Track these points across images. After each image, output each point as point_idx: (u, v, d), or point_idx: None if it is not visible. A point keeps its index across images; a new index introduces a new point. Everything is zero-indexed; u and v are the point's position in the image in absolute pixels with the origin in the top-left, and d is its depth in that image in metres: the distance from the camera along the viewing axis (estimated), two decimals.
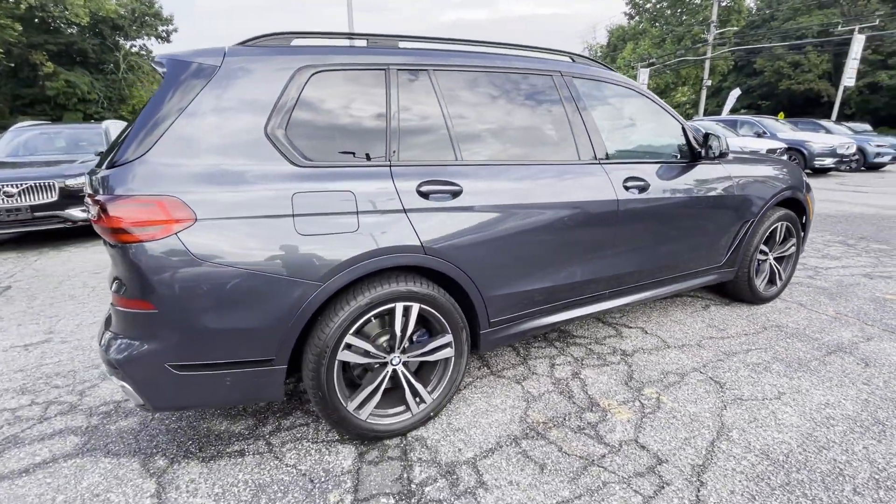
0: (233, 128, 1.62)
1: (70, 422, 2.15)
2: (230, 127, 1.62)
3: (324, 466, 1.81)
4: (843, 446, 1.84)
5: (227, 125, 1.62)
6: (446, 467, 1.79)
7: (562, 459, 1.81)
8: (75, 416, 2.20)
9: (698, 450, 1.84)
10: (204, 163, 1.56)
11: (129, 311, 1.55)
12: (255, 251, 1.58)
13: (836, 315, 3.14)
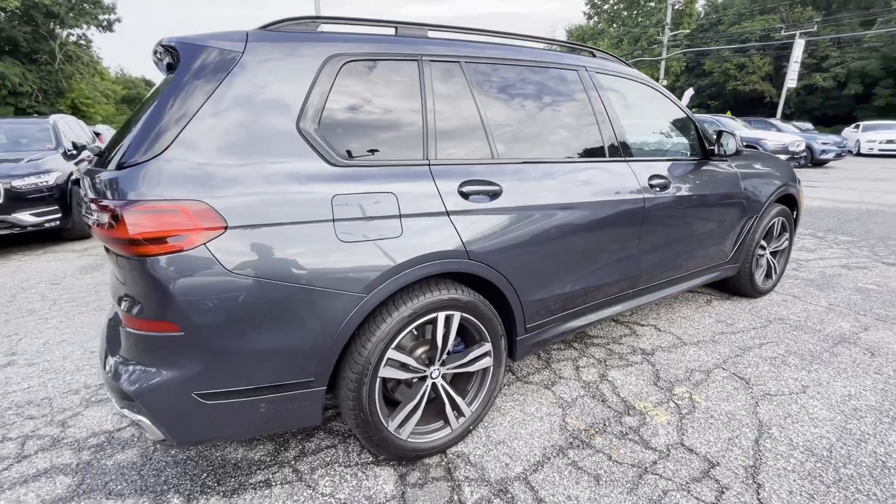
0: (261, 123, 1.44)
1: (56, 459, 1.88)
2: (258, 122, 1.43)
3: (364, 493, 1.66)
4: (878, 438, 1.89)
5: (255, 120, 1.43)
6: (498, 485, 1.68)
7: (614, 469, 1.75)
8: (61, 451, 1.93)
9: (745, 450, 1.83)
10: (231, 162, 1.37)
11: (148, 334, 1.34)
12: (294, 262, 1.41)
13: (830, 306, 3.27)
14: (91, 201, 1.39)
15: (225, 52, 1.43)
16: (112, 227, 1.28)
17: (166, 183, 1.29)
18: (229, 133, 1.39)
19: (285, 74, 1.50)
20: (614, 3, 41.69)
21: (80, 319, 3.33)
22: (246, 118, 1.42)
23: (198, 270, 1.30)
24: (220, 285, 1.32)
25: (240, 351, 1.39)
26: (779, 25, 34.01)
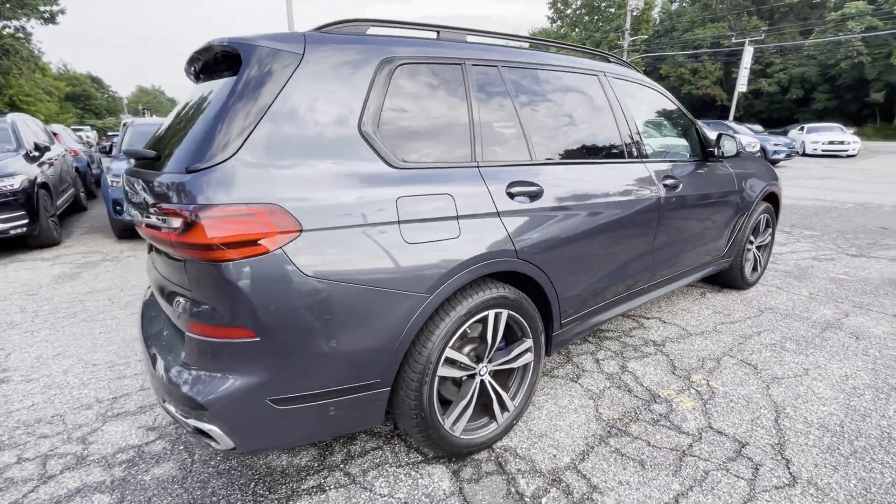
0: (325, 124, 1.43)
1: (87, 477, 1.79)
2: (322, 124, 1.43)
3: (423, 492, 1.68)
4: (879, 412, 2.08)
5: (319, 122, 1.43)
6: (550, 475, 1.74)
7: (656, 454, 1.85)
8: (89, 469, 1.84)
9: (768, 429, 1.98)
10: (299, 165, 1.37)
11: (221, 340, 1.31)
12: (364, 263, 1.41)
13: (811, 295, 3.55)
14: (153, 206, 1.34)
15: (286, 53, 1.42)
16: (184, 231, 1.24)
17: (240, 186, 1.27)
18: (296, 135, 1.38)
19: (344, 77, 1.50)
20: (576, 8, 42.95)
21: (72, 331, 3.14)
22: (310, 120, 1.41)
23: (275, 275, 1.28)
24: (296, 289, 1.31)
25: (314, 354, 1.38)
26: (729, 33, 36.05)
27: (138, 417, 2.17)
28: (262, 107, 1.34)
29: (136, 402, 2.29)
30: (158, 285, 1.64)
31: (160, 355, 1.50)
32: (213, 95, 1.45)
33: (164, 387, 1.42)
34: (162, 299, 1.61)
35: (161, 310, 1.77)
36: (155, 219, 1.34)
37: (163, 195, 1.32)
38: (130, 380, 2.50)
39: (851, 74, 34.22)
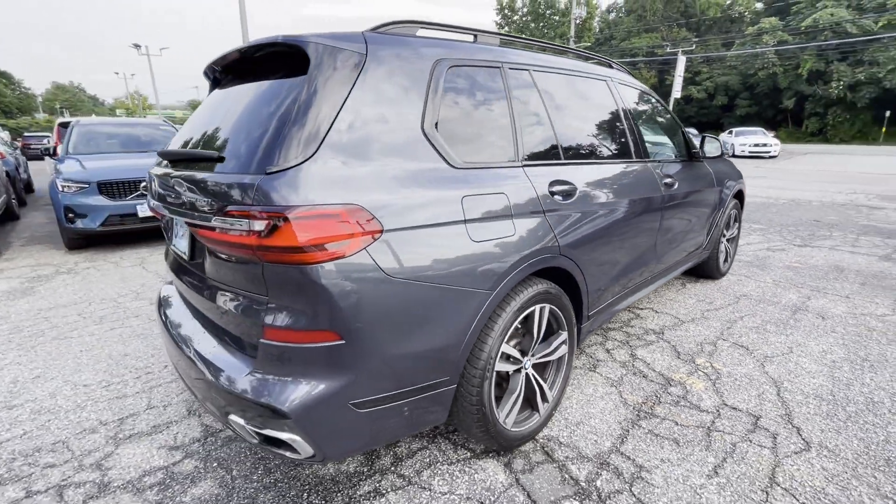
0: (392, 125, 1.44)
1: None
2: (389, 124, 1.43)
3: (481, 486, 1.71)
4: (859, 381, 2.36)
5: (387, 122, 1.43)
6: (597, 459, 1.83)
7: (685, 431, 1.99)
8: (117, 496, 1.70)
9: (774, 403, 2.19)
10: (373, 165, 1.36)
11: (305, 345, 1.27)
12: (438, 263, 1.43)
13: (775, 282, 3.93)
14: (218, 208, 1.28)
15: (352, 53, 1.40)
16: (268, 234, 1.20)
17: (322, 187, 1.25)
18: (367, 136, 1.37)
19: (405, 78, 1.50)
20: (522, 15, 44.35)
21: (45, 351, 2.85)
22: (379, 121, 1.41)
23: (360, 276, 1.27)
24: (379, 290, 1.30)
25: (394, 355, 1.37)
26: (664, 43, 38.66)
27: (155, 437, 2.03)
28: (335, 107, 1.32)
29: (147, 421, 2.14)
30: (204, 291, 1.55)
31: (217, 365, 1.42)
32: (269, 95, 1.41)
33: (228, 398, 1.35)
34: (209, 305, 1.53)
35: (198, 318, 1.68)
36: (223, 222, 1.27)
37: (228, 197, 1.26)
38: (133, 399, 2.32)
39: (767, 83, 37.89)
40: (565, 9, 40.90)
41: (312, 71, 1.34)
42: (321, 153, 1.27)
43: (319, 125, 1.29)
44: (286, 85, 1.38)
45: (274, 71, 1.50)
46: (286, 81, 1.40)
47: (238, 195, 1.25)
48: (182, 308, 1.84)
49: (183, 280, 1.73)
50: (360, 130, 1.35)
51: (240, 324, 1.40)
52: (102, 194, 4.98)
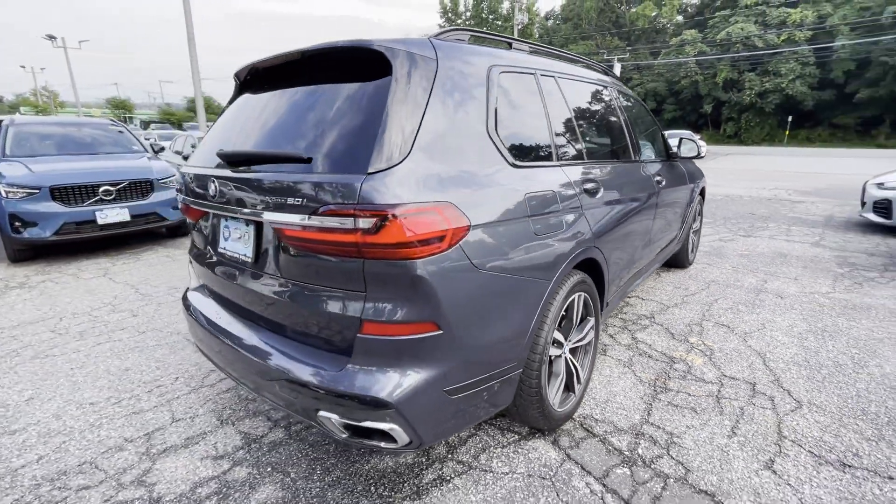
0: (463, 127, 1.53)
1: None
2: (461, 127, 1.52)
3: (538, 463, 1.84)
4: (825, 348, 2.76)
5: (459, 125, 1.51)
6: (633, 431, 2.02)
7: (699, 401, 2.24)
8: None
9: (764, 371, 2.51)
10: (453, 165, 1.44)
11: (405, 337, 1.33)
12: (512, 255, 1.54)
13: (734, 268, 4.40)
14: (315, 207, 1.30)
15: (428, 60, 1.48)
16: (375, 231, 1.25)
17: (419, 186, 1.31)
18: (445, 137, 1.45)
19: (469, 83, 1.60)
20: (466, 19, 45.16)
21: (27, 371, 2.62)
22: (453, 123, 1.49)
23: (454, 268, 1.35)
24: (470, 281, 1.39)
25: (480, 343, 1.46)
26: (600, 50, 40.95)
27: (192, 449, 1.96)
28: (420, 111, 1.39)
29: (178, 434, 2.05)
30: (275, 292, 1.54)
31: (303, 365, 1.43)
32: (352, 98, 1.44)
33: (321, 395, 1.37)
34: (282, 307, 1.52)
35: (261, 321, 1.67)
36: (322, 221, 1.30)
37: (326, 196, 1.29)
38: (153, 413, 2.21)
39: (690, 90, 41.34)
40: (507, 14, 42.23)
41: (398, 76, 1.39)
42: (413, 154, 1.33)
43: (410, 128, 1.35)
44: (369, 89, 1.42)
45: (345, 74, 1.53)
46: (367, 85, 1.44)
47: (339, 195, 1.28)
48: (232, 313, 1.80)
49: (237, 283, 1.70)
50: (439, 133, 1.43)
51: (328, 322, 1.42)
52: (56, 200, 4.55)
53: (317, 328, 1.46)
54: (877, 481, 1.72)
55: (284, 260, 1.49)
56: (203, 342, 1.88)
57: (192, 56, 11.79)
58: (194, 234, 2.04)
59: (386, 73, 1.41)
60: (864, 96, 32.72)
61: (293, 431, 2.07)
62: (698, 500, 1.64)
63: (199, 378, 2.53)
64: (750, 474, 1.76)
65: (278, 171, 1.45)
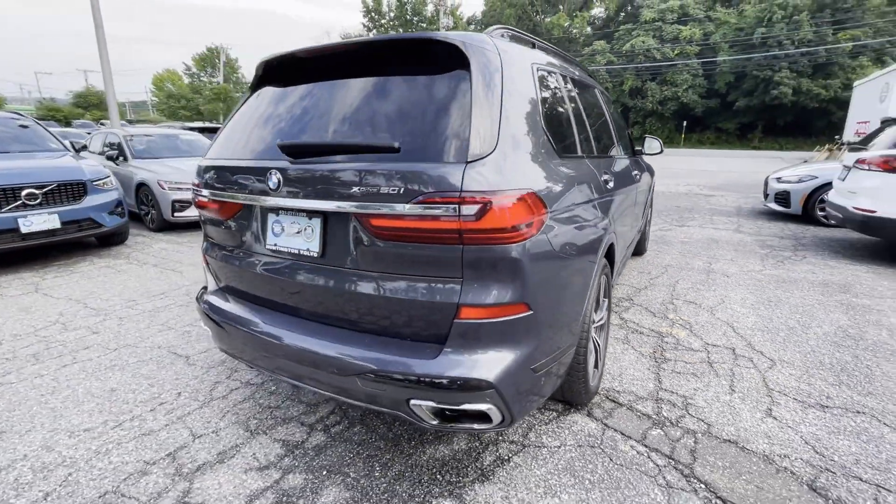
0: (528, 120, 1.61)
1: None
2: (527, 119, 1.60)
3: (583, 434, 1.98)
4: (775, 315, 3.23)
5: (525, 117, 1.60)
6: (652, 398, 2.24)
7: (695, 367, 2.53)
8: None
9: (736, 337, 2.89)
10: (526, 155, 1.53)
11: (501, 319, 1.38)
12: (574, 238, 1.66)
13: (682, 254, 4.94)
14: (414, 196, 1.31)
15: (495, 54, 1.54)
16: (479, 217, 1.29)
17: (509, 174, 1.38)
18: (518, 128, 1.53)
19: (524, 77, 1.69)
20: (390, 20, 44.95)
21: (10, 400, 2.24)
22: (521, 115, 1.57)
23: (541, 251, 1.43)
24: (550, 263, 1.48)
25: (557, 321, 1.56)
26: None
27: (231, 463, 1.83)
28: (498, 102, 1.46)
29: (206, 449, 1.90)
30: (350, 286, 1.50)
31: (393, 357, 1.42)
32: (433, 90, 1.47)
33: (415, 384, 1.38)
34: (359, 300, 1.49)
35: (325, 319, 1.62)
36: (424, 208, 1.31)
37: (424, 185, 1.31)
38: (167, 432, 2.02)
39: None
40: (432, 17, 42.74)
41: (476, 70, 1.44)
42: (500, 145, 1.40)
43: (494, 119, 1.41)
44: (448, 81, 1.45)
45: (415, 66, 1.54)
46: (444, 77, 1.47)
47: (439, 183, 1.30)
48: (286, 311, 1.71)
49: (296, 280, 1.62)
50: (514, 124, 1.50)
51: (418, 310, 1.42)
52: None
53: (404, 318, 1.46)
54: (850, 416, 2.09)
55: (365, 252, 1.47)
56: (244, 345, 1.76)
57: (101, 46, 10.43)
58: (220, 231, 1.89)
59: (460, 66, 1.46)
60: (742, 105, 37.83)
61: (334, 433, 2.01)
62: (726, 448, 1.88)
63: (206, 391, 2.34)
64: (757, 422, 2.05)
65: (358, 161, 1.43)
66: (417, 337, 1.46)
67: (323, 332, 1.59)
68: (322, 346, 1.54)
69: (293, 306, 1.69)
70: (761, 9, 35.37)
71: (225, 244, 1.89)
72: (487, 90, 1.44)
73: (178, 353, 2.75)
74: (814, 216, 6.45)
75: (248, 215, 1.74)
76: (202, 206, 1.91)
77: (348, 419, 2.11)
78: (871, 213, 4.32)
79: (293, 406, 2.22)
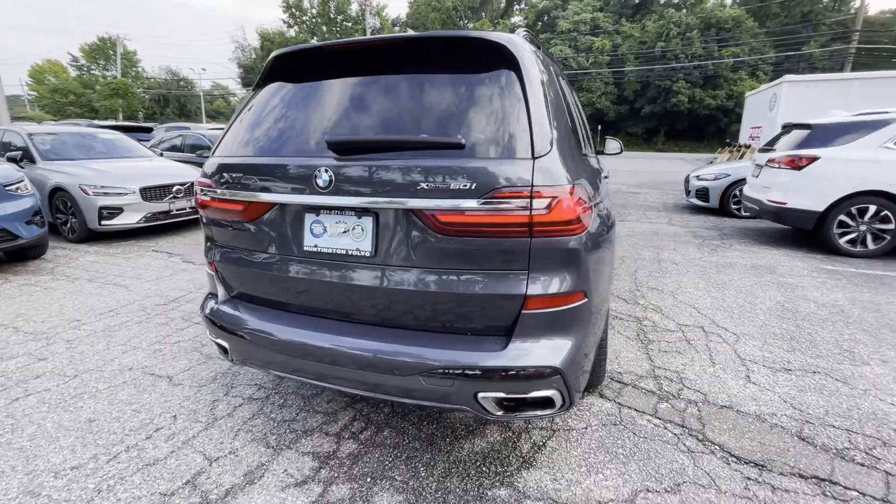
0: (564, 118, 1.70)
1: None
2: (563, 118, 1.69)
3: (604, 414, 2.11)
4: (726, 296, 3.66)
5: (563, 115, 1.69)
6: (650, 375, 2.45)
7: (678, 345, 2.80)
8: None
9: (701, 316, 3.23)
10: (569, 151, 1.60)
11: (564, 308, 1.45)
12: (606, 228, 1.79)
13: (632, 246, 5.38)
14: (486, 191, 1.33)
15: (533, 55, 1.61)
16: (548, 210, 1.35)
17: (564, 170, 1.45)
18: (561, 127, 1.60)
19: (552, 79, 1.78)
20: (312, 16, 43.43)
21: None
22: (561, 114, 1.66)
23: (591, 243, 1.52)
24: (597, 254, 1.58)
25: (600, 306, 1.66)
26: None
27: (262, 483, 1.71)
28: (545, 101, 1.52)
29: (229, 472, 1.76)
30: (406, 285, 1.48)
31: (456, 350, 1.43)
32: (484, 87, 1.49)
33: (484, 377, 1.40)
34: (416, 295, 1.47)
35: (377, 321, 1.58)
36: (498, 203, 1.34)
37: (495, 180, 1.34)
38: (177, 459, 1.83)
39: None
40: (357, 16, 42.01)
41: (525, 70, 1.50)
42: (554, 142, 1.46)
43: (547, 117, 1.48)
44: (499, 79, 1.49)
45: (461, 63, 1.55)
46: (494, 75, 1.50)
47: (510, 179, 1.34)
48: (330, 315, 1.64)
49: (343, 283, 1.56)
50: (557, 123, 1.58)
51: (485, 304, 1.44)
52: None
53: (465, 312, 1.47)
54: (809, 376, 2.45)
55: (425, 248, 1.45)
56: (278, 355, 1.65)
57: None
58: (238, 235, 1.75)
59: (508, 65, 1.51)
60: (647, 111, 41.78)
61: (364, 440, 1.95)
62: (725, 413, 2.12)
63: (206, 411, 2.15)
64: (741, 388, 2.33)
65: (420, 157, 1.42)
66: (478, 330, 1.48)
67: (376, 334, 1.55)
68: (378, 347, 1.50)
69: (338, 309, 1.62)
70: (660, 25, 39.29)
71: (244, 248, 1.76)
72: (537, 90, 1.50)
73: (156, 374, 2.48)
74: (728, 209, 7.35)
75: (279, 216, 1.64)
76: (214, 208, 1.76)
77: (374, 424, 2.05)
78: (783, 205, 5.04)
79: (310, 417, 2.11)
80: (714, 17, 37.47)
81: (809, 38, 36.34)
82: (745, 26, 36.88)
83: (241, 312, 1.77)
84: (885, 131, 4.57)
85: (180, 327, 3.09)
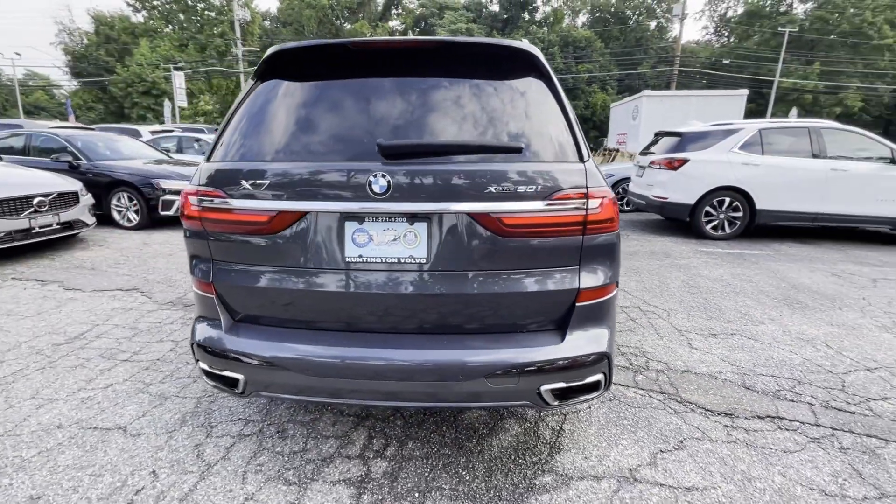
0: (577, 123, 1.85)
1: None
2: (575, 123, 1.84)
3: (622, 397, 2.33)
4: (642, 279, 4.25)
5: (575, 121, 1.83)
6: (617, 352, 2.77)
7: (627, 325, 3.20)
8: None
9: (634, 298, 3.72)
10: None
11: (605, 298, 1.59)
12: None
13: None
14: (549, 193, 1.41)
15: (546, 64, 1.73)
16: (598, 209, 1.47)
17: (602, 174, 1.60)
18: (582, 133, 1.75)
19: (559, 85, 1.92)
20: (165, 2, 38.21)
21: None
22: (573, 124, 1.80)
23: (617, 237, 1.69)
24: (618, 247, 1.76)
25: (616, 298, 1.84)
26: None
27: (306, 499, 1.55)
28: (571, 107, 1.66)
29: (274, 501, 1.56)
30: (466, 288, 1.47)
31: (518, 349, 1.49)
32: (515, 95, 1.56)
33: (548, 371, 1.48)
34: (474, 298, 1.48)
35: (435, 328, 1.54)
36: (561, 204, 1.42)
37: (556, 183, 1.43)
38: (175, 490, 1.55)
39: None
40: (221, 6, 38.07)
41: (552, 78, 1.61)
42: (587, 148, 1.60)
43: (578, 124, 1.61)
44: (529, 86, 1.58)
45: (490, 69, 1.60)
46: (524, 83, 1.59)
47: (566, 181, 1.43)
48: (375, 328, 1.53)
49: (394, 293, 1.48)
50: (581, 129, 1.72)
51: (542, 300, 1.51)
52: None
53: (524, 310, 1.53)
54: (730, 337, 3.01)
55: (484, 251, 1.47)
56: (319, 378, 1.50)
57: None
58: (255, 250, 1.54)
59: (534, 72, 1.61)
60: None
61: (389, 455, 1.87)
62: (687, 376, 2.50)
63: (191, 459, 1.84)
64: (690, 354, 2.77)
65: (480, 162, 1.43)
66: (534, 327, 1.55)
67: (433, 341, 1.52)
68: (439, 355, 1.48)
69: (388, 321, 1.54)
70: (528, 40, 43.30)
71: (261, 264, 1.55)
72: (565, 98, 1.62)
73: (100, 427, 2.03)
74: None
75: (311, 226, 1.49)
76: (219, 220, 1.53)
77: (395, 439, 1.98)
78: (665, 200, 6.01)
79: (321, 443, 1.95)
80: (571, 37, 42.52)
81: (642, 60, 43.39)
82: (595, 46, 42.55)
83: (260, 336, 1.57)
84: (733, 138, 5.75)
85: (105, 368, 2.55)
